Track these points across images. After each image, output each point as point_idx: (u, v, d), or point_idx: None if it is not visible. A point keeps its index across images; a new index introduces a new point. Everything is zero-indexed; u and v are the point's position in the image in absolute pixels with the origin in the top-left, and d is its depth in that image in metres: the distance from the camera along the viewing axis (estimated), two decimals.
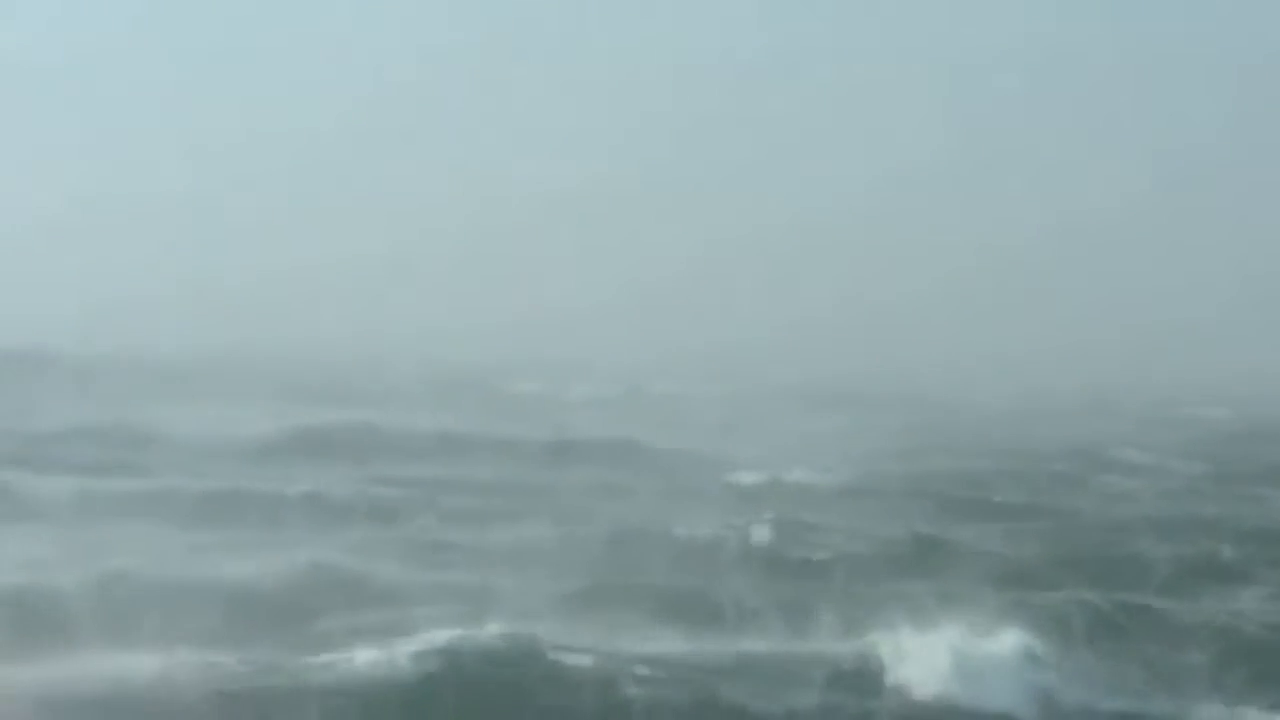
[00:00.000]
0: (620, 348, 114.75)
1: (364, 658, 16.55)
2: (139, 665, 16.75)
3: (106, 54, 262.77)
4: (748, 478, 38.95)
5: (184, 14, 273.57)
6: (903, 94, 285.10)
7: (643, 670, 16.65)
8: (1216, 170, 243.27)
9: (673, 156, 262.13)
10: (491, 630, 17.30)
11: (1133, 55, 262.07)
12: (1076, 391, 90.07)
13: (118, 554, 24.50)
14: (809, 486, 37.41)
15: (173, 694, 15.95)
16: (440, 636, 16.81)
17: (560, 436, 48.38)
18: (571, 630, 18.71)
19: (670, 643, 18.53)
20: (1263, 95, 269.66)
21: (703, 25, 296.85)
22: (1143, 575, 26.32)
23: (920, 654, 17.97)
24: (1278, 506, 37.58)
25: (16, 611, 20.01)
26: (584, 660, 16.92)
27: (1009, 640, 18.45)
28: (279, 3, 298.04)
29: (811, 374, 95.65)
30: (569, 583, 22.92)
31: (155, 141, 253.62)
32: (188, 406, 55.07)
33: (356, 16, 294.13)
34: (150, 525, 28.79)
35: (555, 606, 21.00)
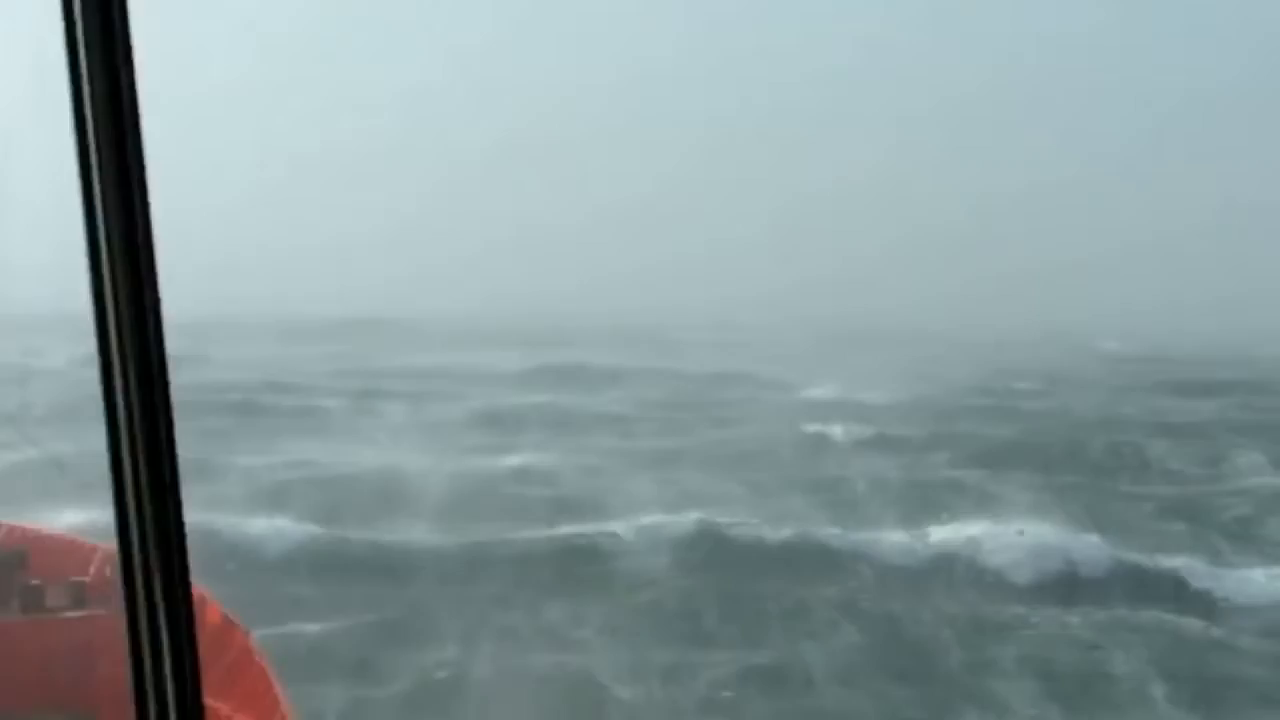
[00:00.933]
0: (745, 306, 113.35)
1: (617, 527, 16.28)
2: (454, 533, 16.49)
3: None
4: (824, 394, 38.97)
5: None
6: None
7: (825, 538, 16.33)
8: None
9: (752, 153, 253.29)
10: (719, 513, 17.05)
11: None
12: (1035, 330, 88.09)
13: (438, 450, 24.74)
14: (868, 401, 37.08)
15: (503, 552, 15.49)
16: (685, 519, 16.42)
17: (703, 369, 47.97)
18: (752, 504, 18.54)
19: (817, 520, 17.92)
20: None
21: None
22: (1093, 456, 26.23)
23: (959, 524, 17.30)
24: (1174, 407, 37.18)
25: (370, 493, 19.65)
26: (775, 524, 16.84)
27: (1024, 505, 18.18)
28: None
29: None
30: (737, 472, 22.75)
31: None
32: (459, 352, 55.78)
33: None
34: (450, 433, 28.74)
35: (740, 489, 20.57)
